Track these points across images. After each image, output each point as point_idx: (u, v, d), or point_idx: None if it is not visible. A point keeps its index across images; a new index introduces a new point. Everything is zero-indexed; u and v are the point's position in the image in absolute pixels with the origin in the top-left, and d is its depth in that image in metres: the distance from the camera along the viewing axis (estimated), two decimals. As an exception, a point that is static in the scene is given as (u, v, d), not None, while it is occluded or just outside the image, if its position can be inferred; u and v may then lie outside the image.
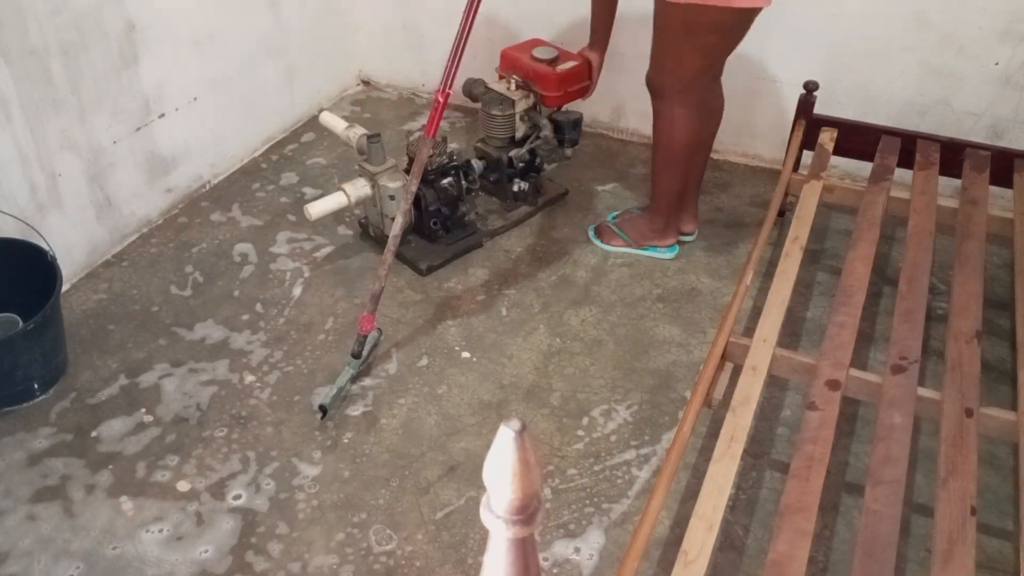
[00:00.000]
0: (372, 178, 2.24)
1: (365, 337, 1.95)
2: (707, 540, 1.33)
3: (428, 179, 2.25)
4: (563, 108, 2.50)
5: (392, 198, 2.22)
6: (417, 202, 2.26)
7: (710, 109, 2.23)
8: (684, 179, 2.26)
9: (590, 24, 2.33)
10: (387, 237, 2.17)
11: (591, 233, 2.45)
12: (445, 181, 2.27)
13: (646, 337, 2.12)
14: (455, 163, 2.29)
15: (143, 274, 2.31)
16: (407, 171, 2.26)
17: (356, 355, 1.95)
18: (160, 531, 1.66)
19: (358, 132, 2.31)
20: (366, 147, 2.25)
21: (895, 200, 2.21)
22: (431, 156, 2.20)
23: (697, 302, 2.22)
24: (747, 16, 1.98)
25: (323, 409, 1.87)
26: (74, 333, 2.10)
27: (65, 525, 1.66)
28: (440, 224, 2.33)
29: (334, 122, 2.41)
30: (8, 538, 1.64)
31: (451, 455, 1.82)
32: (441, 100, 1.98)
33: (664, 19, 2.00)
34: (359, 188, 2.24)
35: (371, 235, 2.38)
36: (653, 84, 2.15)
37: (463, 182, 2.31)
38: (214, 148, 2.67)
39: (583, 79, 2.43)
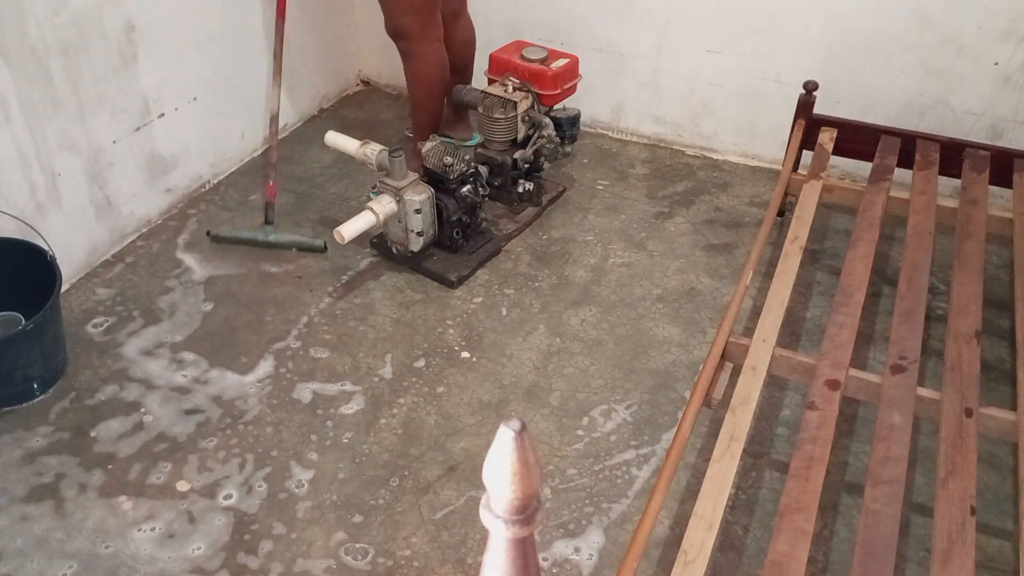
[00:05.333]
0: (397, 193, 2.19)
1: (271, 202, 2.33)
2: (707, 540, 1.33)
3: (448, 188, 2.23)
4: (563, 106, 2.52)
5: (418, 212, 2.18)
6: (439, 213, 2.25)
7: (461, 41, 2.54)
8: (440, 109, 2.52)
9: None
10: (412, 253, 2.26)
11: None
12: (465, 189, 2.25)
13: (646, 337, 2.12)
14: (471, 170, 2.28)
15: (143, 274, 2.31)
16: (425, 181, 2.25)
17: (269, 222, 2.33)
18: (153, 529, 1.66)
19: (375, 148, 2.24)
20: (387, 162, 2.19)
21: (895, 200, 2.21)
22: (449, 166, 2.21)
23: (697, 302, 2.22)
24: None
25: (212, 234, 2.25)
26: (74, 333, 2.10)
27: (58, 524, 1.66)
28: (460, 233, 2.32)
29: (344, 142, 2.33)
30: (2, 537, 1.64)
31: (451, 455, 1.82)
32: None
33: None
34: (385, 205, 2.18)
35: (394, 253, 2.32)
36: (397, 28, 2.36)
37: (480, 189, 2.30)
38: (214, 148, 2.67)
39: (576, 75, 2.48)
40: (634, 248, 2.42)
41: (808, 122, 2.42)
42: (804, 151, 2.44)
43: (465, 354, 2.07)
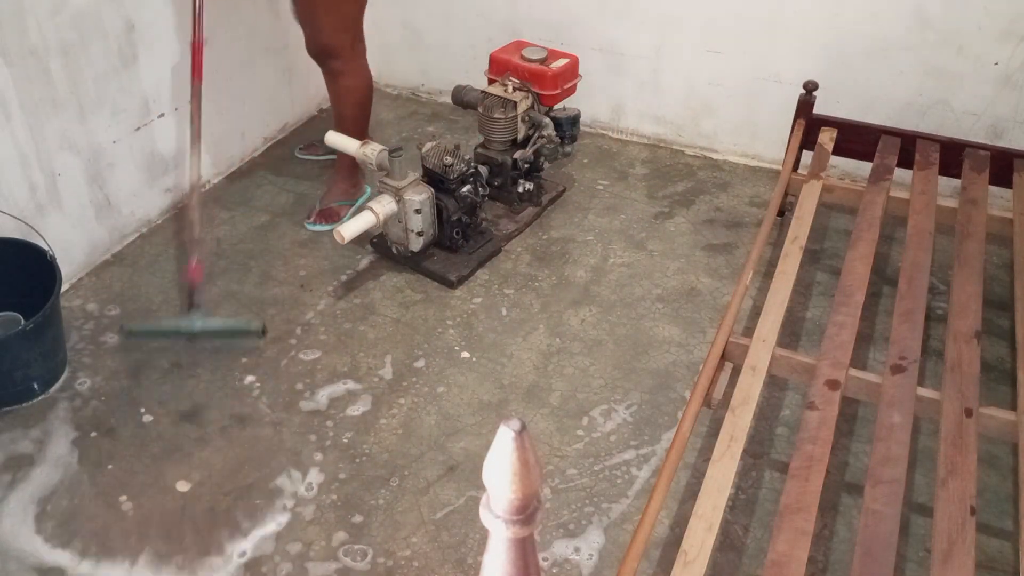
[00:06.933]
0: (397, 193, 2.18)
1: (195, 286, 2.07)
2: (707, 540, 1.33)
3: (448, 188, 2.23)
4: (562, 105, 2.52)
5: (418, 212, 2.18)
6: (439, 213, 2.25)
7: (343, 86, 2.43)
8: (368, 123, 2.47)
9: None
10: (412, 253, 2.24)
11: (312, 226, 2.47)
12: (465, 189, 2.25)
13: (646, 337, 2.12)
14: (471, 170, 2.28)
15: (143, 274, 2.31)
16: (426, 181, 2.25)
17: (197, 305, 2.06)
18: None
19: (375, 148, 2.24)
20: (388, 162, 2.19)
21: (895, 200, 2.21)
22: (449, 166, 2.20)
23: (697, 302, 2.22)
24: None
25: (125, 330, 2.02)
26: (73, 333, 2.10)
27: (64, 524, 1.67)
28: (460, 233, 2.32)
29: (344, 141, 2.33)
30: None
31: (451, 455, 1.82)
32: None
33: None
34: (385, 205, 2.18)
35: (394, 253, 2.32)
36: (327, 47, 2.28)
37: (480, 189, 2.30)
38: (214, 148, 2.67)
39: (576, 75, 2.48)
40: (634, 248, 2.42)
41: (808, 122, 2.42)
42: (804, 151, 2.44)
43: (465, 354, 2.07)
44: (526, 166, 2.47)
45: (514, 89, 2.42)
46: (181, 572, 1.59)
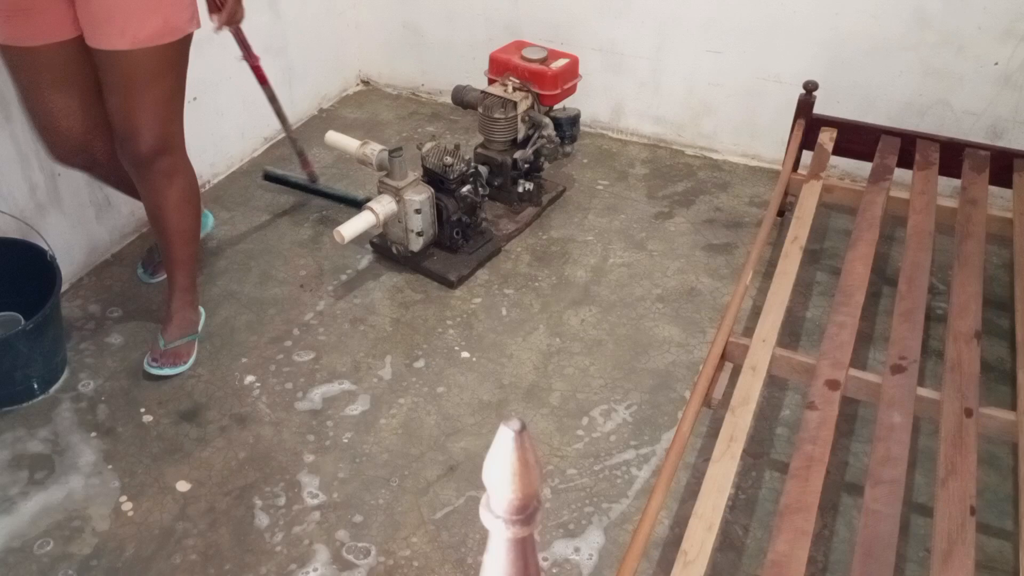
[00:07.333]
0: (397, 193, 2.18)
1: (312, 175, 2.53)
2: (707, 540, 1.33)
3: (448, 188, 2.23)
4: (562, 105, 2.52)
5: (418, 212, 2.18)
6: (439, 213, 2.25)
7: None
8: None
9: None
10: (412, 253, 2.23)
11: (156, 370, 1.97)
12: (465, 189, 2.25)
13: (646, 337, 2.12)
14: (471, 170, 2.28)
15: (143, 274, 2.31)
16: (426, 181, 2.25)
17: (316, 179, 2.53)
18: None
19: (375, 148, 2.24)
20: (387, 162, 2.19)
21: (895, 200, 2.21)
22: (449, 166, 2.20)
23: (697, 302, 2.22)
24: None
25: (267, 173, 2.54)
26: (73, 333, 2.10)
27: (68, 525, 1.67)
28: (460, 233, 2.32)
29: (344, 141, 2.33)
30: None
31: (451, 455, 1.82)
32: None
33: (150, 65, 1.68)
34: (385, 205, 2.18)
35: (394, 253, 2.32)
36: (164, 140, 1.79)
37: (480, 189, 2.30)
38: (213, 148, 2.67)
39: (576, 75, 2.47)
40: (634, 248, 2.42)
41: (808, 122, 2.42)
42: (804, 151, 2.44)
43: (465, 354, 2.07)
44: (526, 166, 2.47)
45: (514, 89, 2.42)
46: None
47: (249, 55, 2.30)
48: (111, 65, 1.68)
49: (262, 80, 2.37)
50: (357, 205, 2.34)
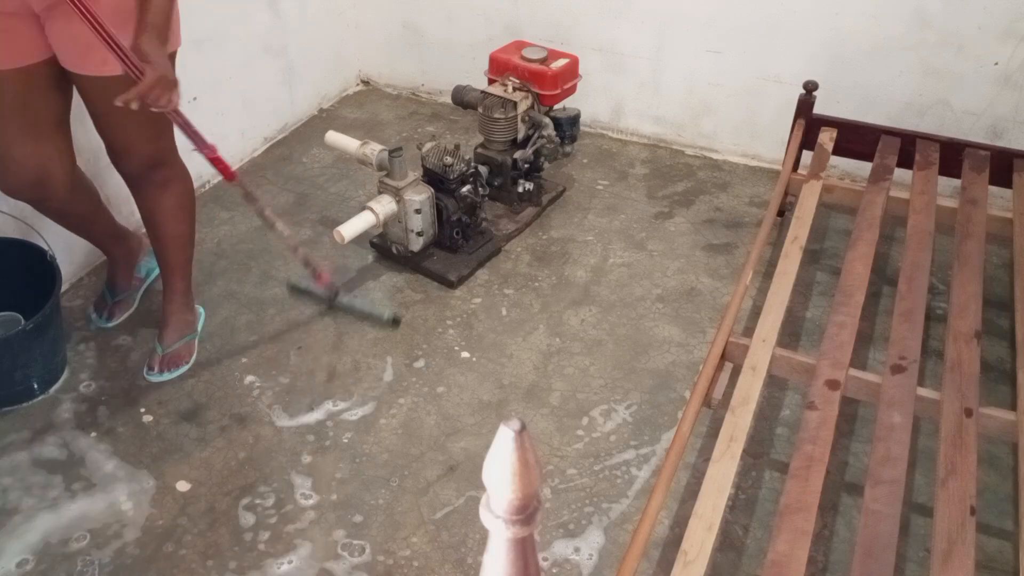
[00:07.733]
0: (397, 193, 2.19)
1: (331, 285, 2.17)
2: (707, 540, 1.33)
3: (448, 188, 2.23)
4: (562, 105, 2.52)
5: (418, 212, 2.19)
6: (439, 213, 2.25)
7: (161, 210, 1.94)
8: None
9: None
10: (412, 253, 2.22)
11: (156, 377, 1.98)
12: (464, 189, 2.25)
13: (646, 337, 2.12)
14: (471, 170, 2.28)
15: (143, 274, 2.31)
16: (426, 181, 2.25)
17: (338, 290, 2.18)
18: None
19: (375, 148, 2.24)
20: (387, 162, 2.19)
21: (894, 200, 2.21)
22: (449, 166, 2.20)
23: (697, 302, 2.22)
24: None
25: (291, 286, 2.24)
26: (73, 333, 2.10)
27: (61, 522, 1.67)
28: (460, 233, 2.32)
29: (344, 141, 2.33)
30: None
31: (451, 455, 1.82)
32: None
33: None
34: (385, 205, 2.18)
35: (394, 253, 2.32)
36: (160, 153, 1.83)
37: (480, 189, 2.30)
38: (214, 148, 2.66)
39: (576, 75, 2.47)
40: (634, 248, 2.42)
41: (808, 122, 2.42)
42: (804, 151, 2.44)
43: (465, 354, 2.07)
44: (526, 166, 2.47)
45: (514, 89, 2.42)
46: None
47: (201, 145, 1.75)
48: (96, 90, 1.66)
49: (228, 176, 1.86)
50: (382, 320, 2.13)
